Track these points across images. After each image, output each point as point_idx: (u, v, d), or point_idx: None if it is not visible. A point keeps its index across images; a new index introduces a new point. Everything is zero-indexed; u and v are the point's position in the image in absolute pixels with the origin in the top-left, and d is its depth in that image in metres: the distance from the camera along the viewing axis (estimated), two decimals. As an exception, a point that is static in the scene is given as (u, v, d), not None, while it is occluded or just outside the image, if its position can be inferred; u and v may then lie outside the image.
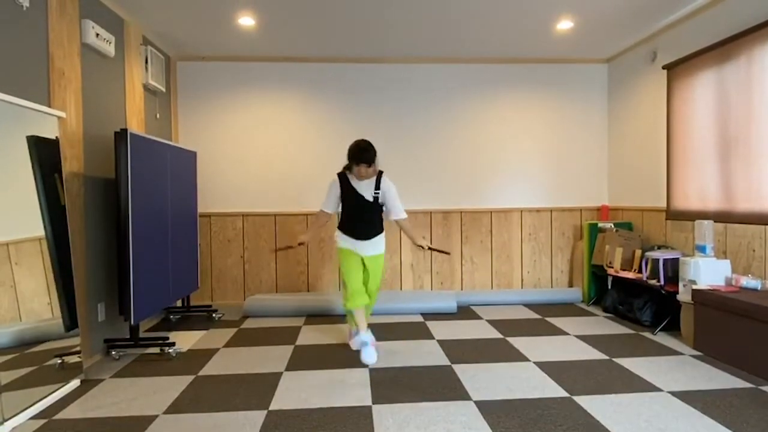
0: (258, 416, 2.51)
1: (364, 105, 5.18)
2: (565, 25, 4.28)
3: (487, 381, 2.93)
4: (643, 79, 4.72)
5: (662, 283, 3.81)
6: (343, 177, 3.37)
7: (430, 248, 3.46)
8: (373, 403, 2.64)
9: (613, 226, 4.77)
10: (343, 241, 3.40)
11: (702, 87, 3.89)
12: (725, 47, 3.63)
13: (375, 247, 3.41)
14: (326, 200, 3.43)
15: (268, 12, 3.96)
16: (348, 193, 3.35)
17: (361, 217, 3.37)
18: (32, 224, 2.70)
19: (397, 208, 3.39)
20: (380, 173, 3.35)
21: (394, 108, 5.21)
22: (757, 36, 3.36)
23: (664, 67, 4.29)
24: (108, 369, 3.25)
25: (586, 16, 4.10)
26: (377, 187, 3.33)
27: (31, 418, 2.51)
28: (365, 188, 3.33)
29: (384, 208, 3.41)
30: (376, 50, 4.92)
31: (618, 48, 4.98)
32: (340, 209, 3.44)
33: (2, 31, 2.64)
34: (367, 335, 3.33)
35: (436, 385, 2.87)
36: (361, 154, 3.17)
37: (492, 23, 4.23)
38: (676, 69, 4.17)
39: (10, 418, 2.41)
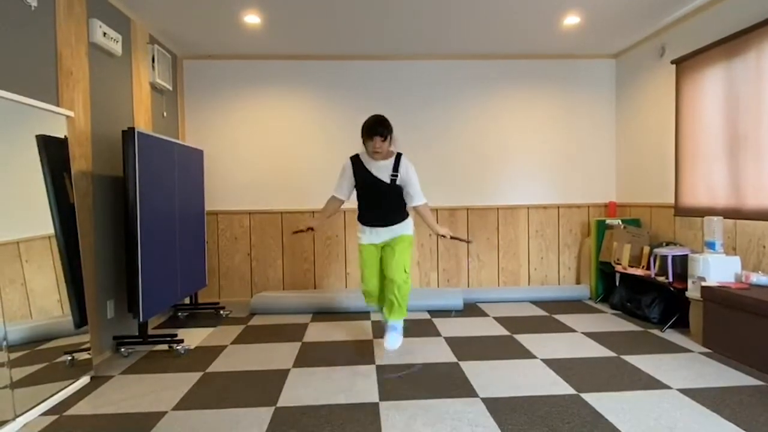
0: (266, 413, 2.52)
1: (370, 102, 5.17)
2: (572, 20, 4.25)
3: (494, 378, 2.93)
4: (651, 74, 4.68)
5: (671, 279, 3.78)
6: (355, 159, 3.15)
7: (452, 237, 3.22)
8: (381, 400, 2.64)
9: (621, 222, 4.74)
10: (363, 235, 3.23)
11: (711, 82, 3.85)
12: (735, 42, 3.59)
13: (394, 232, 3.17)
14: (337, 184, 3.23)
15: (273, 10, 3.96)
16: (362, 176, 3.12)
17: (379, 203, 3.14)
18: (42, 222, 2.72)
19: (416, 193, 3.13)
20: (399, 155, 3.11)
21: (400, 105, 5.19)
22: (766, 30, 3.32)
23: (672, 62, 4.25)
24: (117, 366, 3.28)
25: (594, 11, 4.07)
26: (395, 169, 3.07)
27: (42, 414, 2.54)
28: (382, 171, 3.08)
29: (404, 192, 3.15)
30: (382, 47, 4.91)
31: (626, 43, 4.93)
32: (355, 196, 3.25)
33: (11, 30, 2.67)
34: (394, 322, 3.16)
35: (443, 383, 2.87)
36: (376, 125, 2.96)
37: (498, 19, 4.21)
38: (685, 64, 4.13)
39: (22, 414, 2.44)
